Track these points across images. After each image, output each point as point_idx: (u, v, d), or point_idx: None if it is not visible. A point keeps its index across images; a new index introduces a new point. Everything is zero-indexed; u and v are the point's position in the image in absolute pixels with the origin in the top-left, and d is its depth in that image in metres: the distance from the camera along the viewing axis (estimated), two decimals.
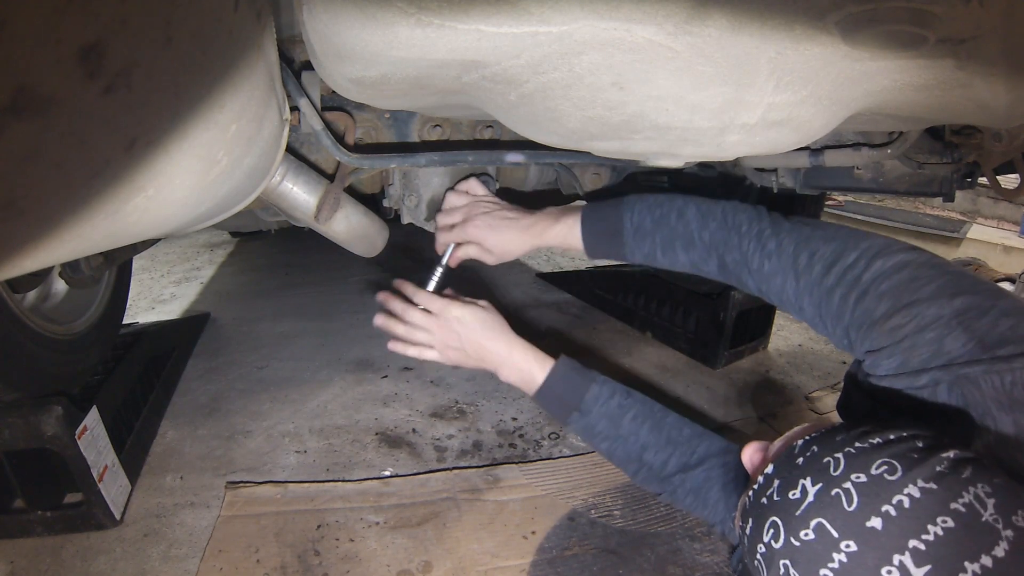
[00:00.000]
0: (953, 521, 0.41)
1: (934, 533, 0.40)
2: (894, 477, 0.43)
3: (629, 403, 0.92)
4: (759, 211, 0.79)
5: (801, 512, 0.46)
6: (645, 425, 0.90)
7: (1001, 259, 3.87)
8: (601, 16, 0.56)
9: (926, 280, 0.61)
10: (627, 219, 0.85)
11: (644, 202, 0.86)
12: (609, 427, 0.91)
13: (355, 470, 1.31)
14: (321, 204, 0.99)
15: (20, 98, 0.32)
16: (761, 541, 0.48)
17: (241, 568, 1.03)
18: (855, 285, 0.66)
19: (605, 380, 0.94)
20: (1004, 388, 0.53)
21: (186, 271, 2.85)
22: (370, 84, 0.72)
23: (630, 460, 0.92)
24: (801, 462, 0.49)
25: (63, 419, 1.00)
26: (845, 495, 0.44)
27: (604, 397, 0.91)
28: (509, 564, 1.06)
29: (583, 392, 0.92)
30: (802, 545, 0.45)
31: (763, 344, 2.07)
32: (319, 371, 1.77)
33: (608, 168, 1.40)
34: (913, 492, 0.42)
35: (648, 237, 0.84)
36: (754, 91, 0.66)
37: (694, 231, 0.80)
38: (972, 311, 0.57)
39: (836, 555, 0.43)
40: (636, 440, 0.90)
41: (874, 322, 0.63)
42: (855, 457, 0.46)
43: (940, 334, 0.58)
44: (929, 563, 0.40)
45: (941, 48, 0.63)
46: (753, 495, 0.52)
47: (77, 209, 0.45)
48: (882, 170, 1.23)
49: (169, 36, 0.41)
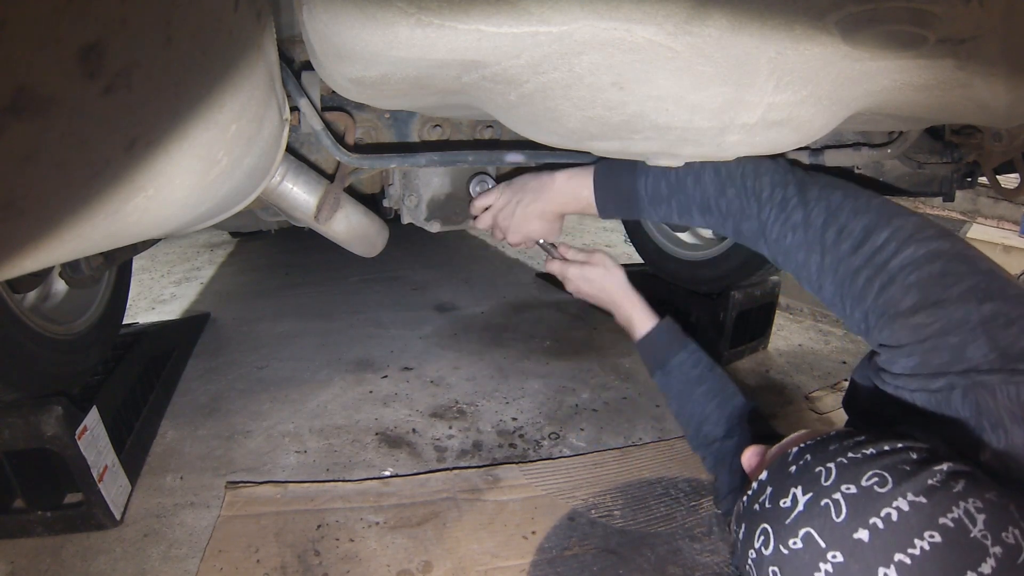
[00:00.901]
0: (940, 536, 0.40)
1: (920, 548, 0.40)
2: (884, 489, 0.43)
3: (707, 376, 0.98)
4: (784, 173, 0.76)
5: (790, 521, 0.46)
6: (714, 401, 0.96)
7: (1001, 259, 3.87)
8: (601, 16, 0.56)
9: (956, 277, 0.60)
10: (641, 185, 0.85)
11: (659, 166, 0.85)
12: (683, 391, 0.98)
13: (355, 470, 1.31)
14: (321, 204, 0.99)
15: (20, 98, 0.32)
16: (752, 547, 0.49)
17: (241, 568, 1.03)
18: (882, 270, 0.64)
19: (696, 350, 1.00)
20: (1020, 400, 0.52)
21: (186, 271, 2.85)
22: (370, 84, 0.72)
23: (690, 424, 0.99)
24: (794, 470, 0.49)
25: (63, 419, 1.00)
26: (834, 505, 0.44)
27: (688, 365, 0.98)
28: (509, 564, 1.06)
29: (671, 355, 0.99)
30: (790, 554, 0.45)
31: (763, 344, 2.07)
32: (319, 371, 1.77)
33: None
34: (902, 505, 0.42)
35: (664, 203, 0.84)
36: (754, 91, 0.66)
37: (711, 197, 0.79)
38: (999, 319, 0.56)
39: (823, 565, 0.43)
40: (701, 410, 0.97)
41: (897, 314, 0.62)
42: (846, 468, 0.46)
43: (964, 340, 0.57)
44: None
45: (941, 48, 0.62)
46: (747, 501, 0.52)
47: (77, 209, 0.45)
48: (882, 170, 1.23)
49: (169, 36, 0.41)
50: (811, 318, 2.37)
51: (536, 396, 1.66)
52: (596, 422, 1.55)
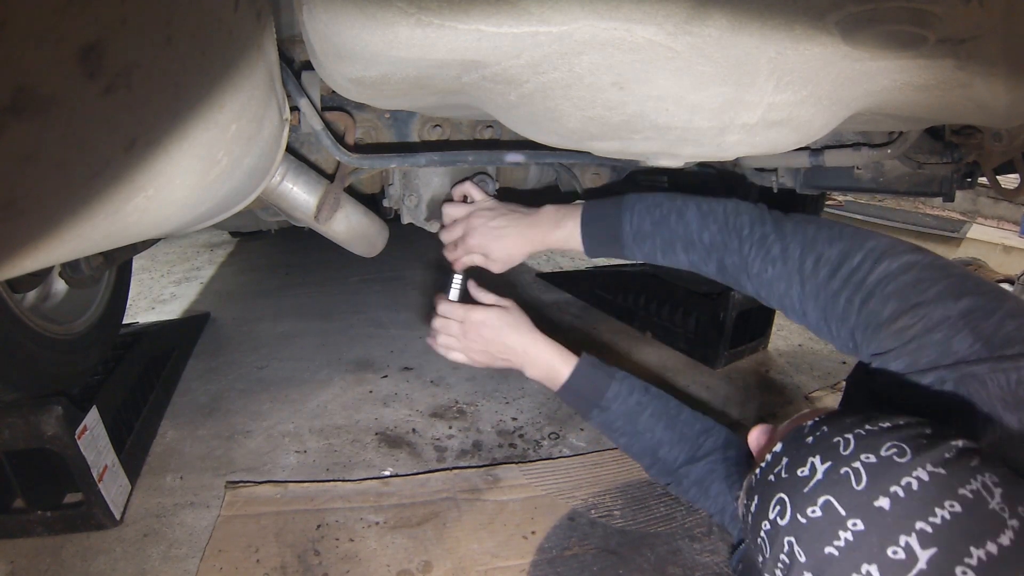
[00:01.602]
0: (960, 506, 0.41)
1: (941, 516, 0.40)
2: (903, 459, 0.44)
3: (646, 400, 0.95)
4: (761, 212, 0.79)
5: (809, 489, 0.46)
6: (661, 423, 0.93)
7: (1001, 259, 3.87)
8: (601, 16, 0.56)
9: (931, 282, 0.62)
10: (626, 221, 0.86)
11: (643, 203, 0.86)
12: (627, 424, 0.94)
13: (355, 470, 1.31)
14: (321, 204, 0.99)
15: (20, 98, 0.32)
16: (766, 518, 0.48)
17: (241, 568, 1.03)
18: (860, 287, 0.66)
19: (625, 377, 0.97)
20: (1010, 387, 0.53)
21: (186, 271, 2.85)
22: (370, 84, 0.72)
23: (645, 455, 0.95)
24: (811, 440, 0.49)
25: (63, 419, 1.00)
26: (854, 474, 0.44)
27: (623, 395, 0.94)
28: (509, 564, 1.06)
29: (604, 389, 0.95)
30: (808, 522, 0.45)
31: (763, 344, 2.07)
32: (319, 371, 1.77)
33: (608, 168, 1.40)
34: (922, 475, 0.42)
35: (648, 239, 0.84)
36: (754, 91, 0.66)
37: (694, 232, 0.81)
38: (977, 312, 0.58)
39: (842, 533, 0.43)
40: (652, 437, 0.93)
41: (880, 324, 0.64)
42: (865, 438, 0.47)
43: (947, 335, 0.58)
44: (935, 546, 0.40)
45: (941, 48, 0.63)
46: (760, 472, 0.52)
47: (77, 209, 0.45)
48: (882, 170, 1.23)
49: (169, 36, 0.41)
50: None
51: (536, 396, 1.66)
52: None
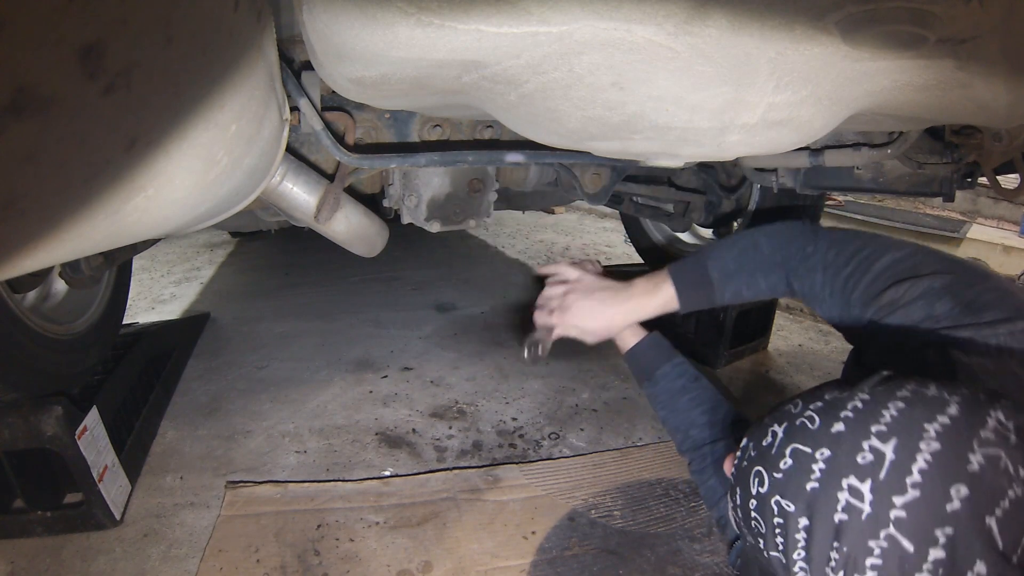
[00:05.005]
0: (904, 401, 0.46)
1: (889, 415, 0.46)
2: (845, 393, 0.50)
3: (691, 386, 1.04)
4: (804, 225, 0.87)
5: (776, 449, 0.51)
6: (699, 408, 1.02)
7: (1001, 259, 3.87)
8: (601, 16, 0.56)
9: (928, 265, 0.69)
10: (712, 267, 0.91)
11: (721, 247, 0.92)
12: (669, 400, 1.04)
13: (355, 470, 1.31)
14: (321, 204, 0.99)
15: (20, 98, 0.32)
16: (751, 496, 0.52)
17: (241, 568, 1.03)
18: (867, 270, 0.73)
19: (681, 362, 1.06)
20: (988, 351, 0.58)
21: (186, 271, 2.85)
22: (370, 84, 0.72)
23: (678, 430, 1.04)
24: (765, 420, 0.55)
25: (63, 419, 1.00)
26: (808, 420, 0.50)
27: (672, 376, 1.05)
28: (509, 564, 1.06)
29: (656, 367, 1.05)
30: (784, 474, 0.49)
31: (763, 344, 2.07)
32: (319, 371, 1.77)
33: (608, 168, 1.40)
34: (863, 396, 0.48)
35: (733, 277, 0.90)
36: (754, 91, 0.66)
37: (767, 256, 0.87)
38: (960, 283, 0.64)
39: (815, 465, 0.47)
40: (687, 417, 1.02)
41: (877, 294, 0.70)
42: (807, 397, 0.53)
43: (930, 300, 0.64)
44: (894, 436, 0.45)
45: (941, 48, 0.63)
46: (736, 468, 0.57)
47: (77, 209, 0.45)
48: (882, 170, 1.23)
49: (169, 36, 0.41)
50: (811, 318, 2.37)
51: (536, 396, 1.66)
52: (596, 422, 1.55)
